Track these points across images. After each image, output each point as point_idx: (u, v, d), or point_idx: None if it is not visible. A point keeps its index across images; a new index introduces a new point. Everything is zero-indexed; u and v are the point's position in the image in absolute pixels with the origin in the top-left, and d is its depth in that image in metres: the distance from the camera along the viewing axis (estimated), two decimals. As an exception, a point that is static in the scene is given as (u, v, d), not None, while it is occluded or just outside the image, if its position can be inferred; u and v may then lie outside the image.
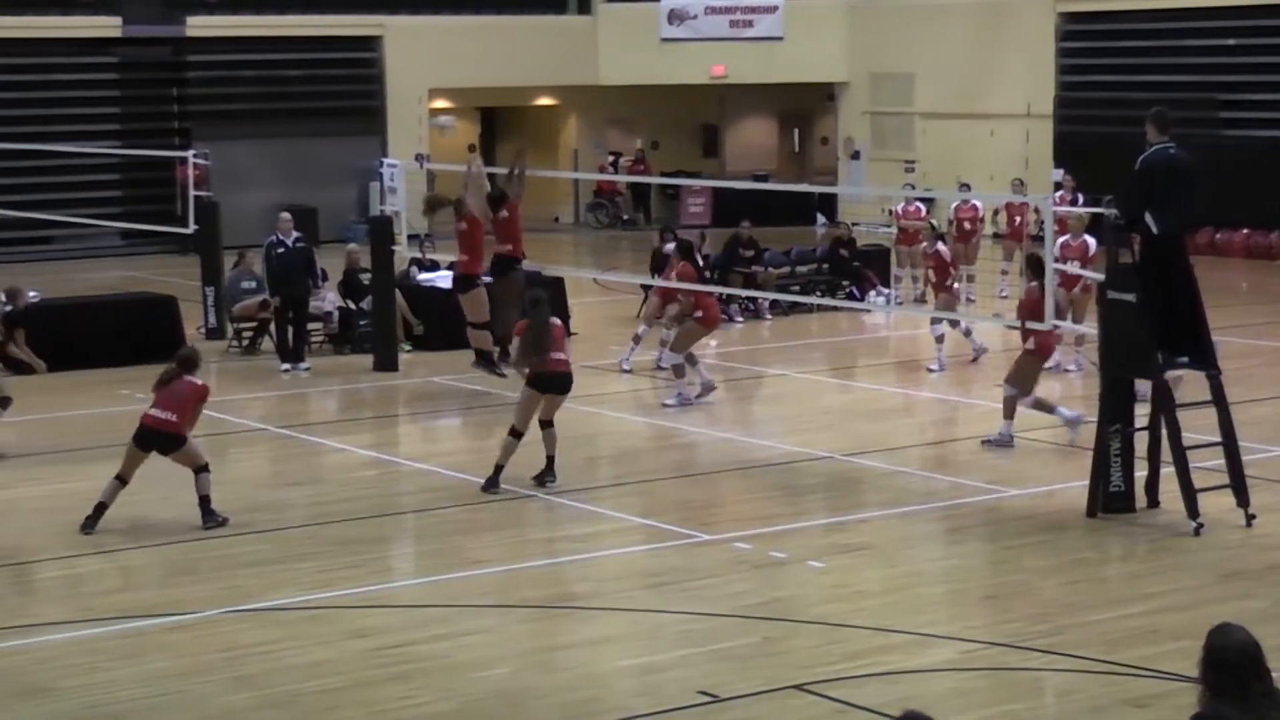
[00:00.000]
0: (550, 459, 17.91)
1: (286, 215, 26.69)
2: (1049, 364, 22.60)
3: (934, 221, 27.07)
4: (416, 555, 16.34)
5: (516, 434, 17.62)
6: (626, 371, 24.29)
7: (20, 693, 12.31)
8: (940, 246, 25.01)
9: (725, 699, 11.96)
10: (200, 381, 16.93)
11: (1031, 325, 19.18)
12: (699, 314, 22.25)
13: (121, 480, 16.62)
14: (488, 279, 22.64)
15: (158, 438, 16.57)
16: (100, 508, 16.55)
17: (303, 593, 14.57)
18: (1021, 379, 19.71)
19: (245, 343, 26.92)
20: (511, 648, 13.21)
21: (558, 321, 18.15)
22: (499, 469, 17.69)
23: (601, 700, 12.11)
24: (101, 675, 12.65)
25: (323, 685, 12.33)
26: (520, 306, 18.33)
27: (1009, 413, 19.68)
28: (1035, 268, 19.75)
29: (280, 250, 25.58)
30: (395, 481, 18.70)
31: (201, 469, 16.65)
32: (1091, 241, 23.44)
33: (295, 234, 26.01)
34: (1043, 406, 19.82)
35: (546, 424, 17.85)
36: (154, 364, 24.83)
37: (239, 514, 17.06)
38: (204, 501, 16.59)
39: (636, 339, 24.69)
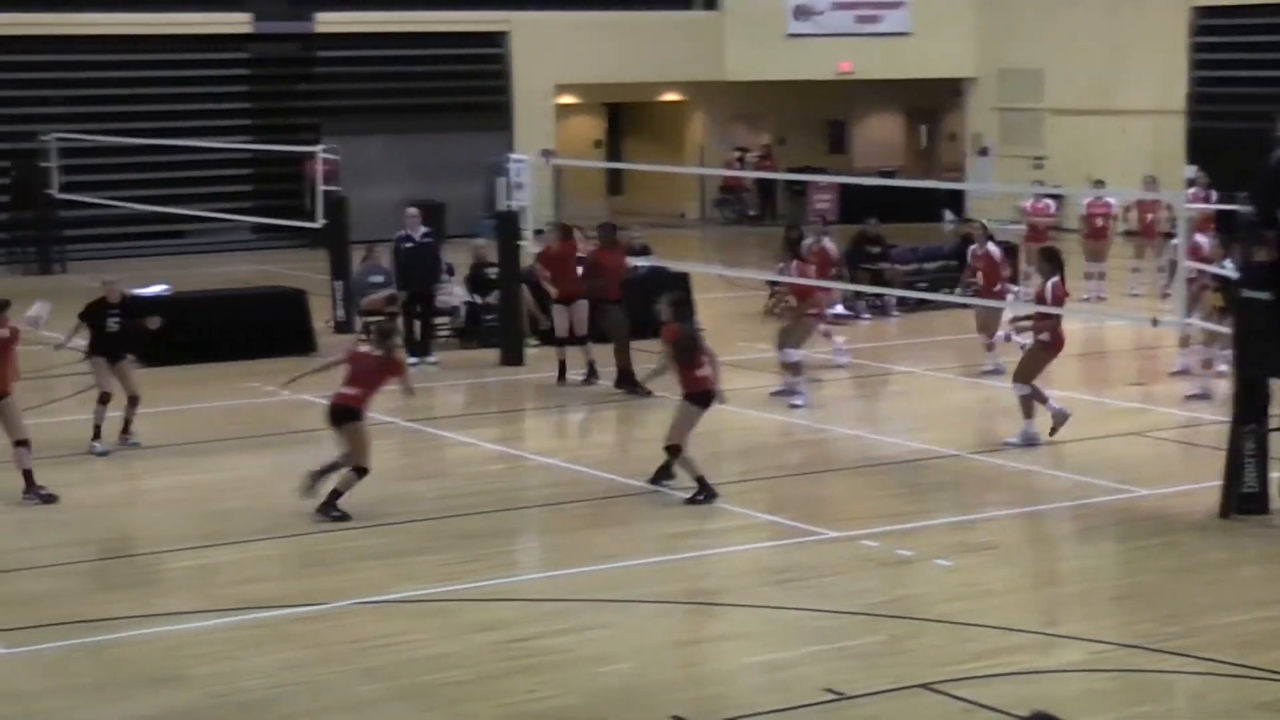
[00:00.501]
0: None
1: (414, 210, 26.86)
2: (1178, 367, 22.51)
3: (985, 220, 26.36)
4: (542, 549, 16.38)
5: (676, 450, 17.23)
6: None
7: (151, 681, 12.45)
8: (990, 246, 24.39)
9: (851, 697, 11.91)
10: (380, 352, 17.29)
11: (1045, 311, 19.23)
12: (813, 310, 22.10)
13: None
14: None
15: (338, 412, 17.00)
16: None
17: (430, 585, 14.63)
18: (1031, 372, 19.53)
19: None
20: (637, 643, 13.21)
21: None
22: (701, 480, 17.30)
23: (727, 697, 12.09)
24: (231, 665, 12.77)
25: (450, 677, 12.39)
26: (669, 308, 18.03)
27: (1029, 411, 19.50)
28: (1052, 260, 19.63)
29: (408, 245, 25.75)
30: (521, 476, 18.76)
31: (359, 469, 16.77)
32: (1201, 240, 23.12)
33: (423, 229, 26.15)
34: (1037, 396, 19.58)
35: None
36: (282, 357, 25.29)
37: (368, 506, 17.18)
38: (334, 496, 16.72)
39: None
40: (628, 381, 22.77)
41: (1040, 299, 19.49)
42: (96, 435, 19.97)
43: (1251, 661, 12.38)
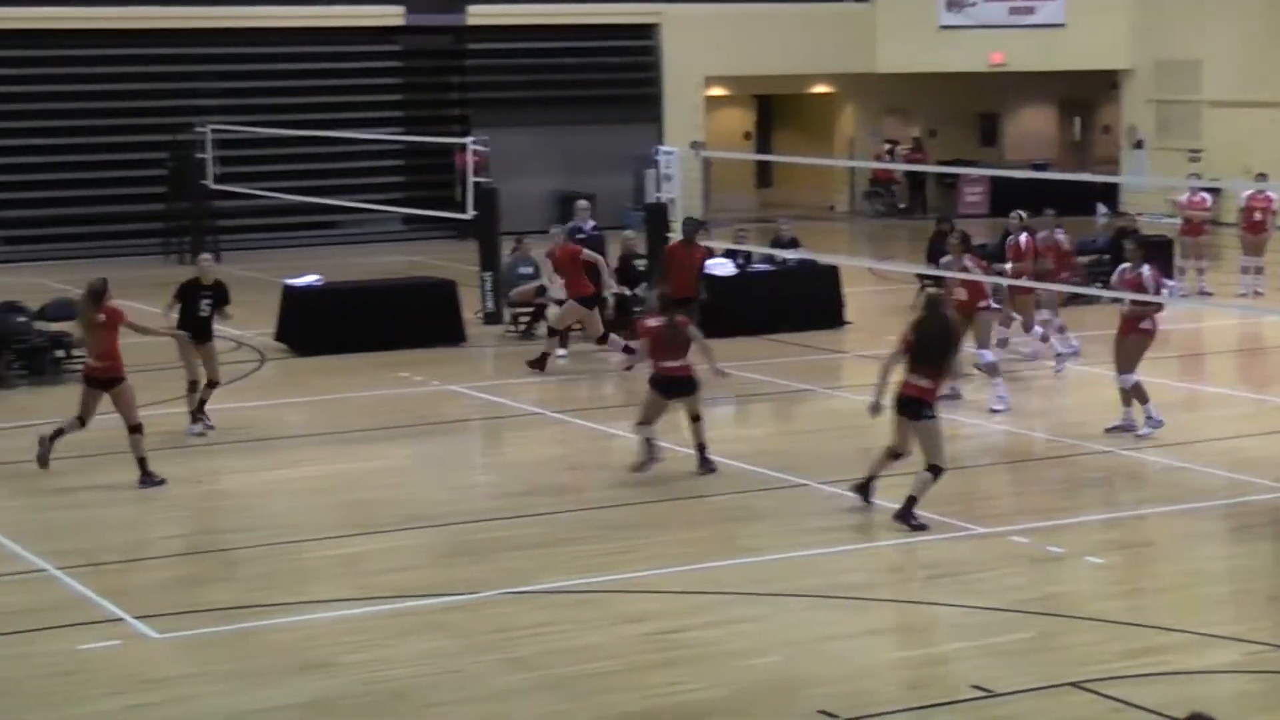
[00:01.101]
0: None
1: (584, 202, 27.20)
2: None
3: (1022, 213, 25.59)
4: (690, 542, 16.33)
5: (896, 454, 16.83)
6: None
7: (301, 668, 12.54)
8: (1059, 235, 24.05)
9: (999, 694, 11.78)
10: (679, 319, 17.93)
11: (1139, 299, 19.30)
12: (983, 304, 21.82)
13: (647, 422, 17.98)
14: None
15: (679, 384, 17.84)
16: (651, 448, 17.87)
17: (576, 576, 14.64)
18: (1134, 362, 19.55)
19: (522, 328, 27.18)
20: (784, 636, 13.14)
21: None
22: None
23: (875, 692, 12.00)
24: (379, 652, 12.83)
25: (595, 668, 12.38)
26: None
27: (1133, 399, 19.49)
28: (1144, 246, 19.96)
29: (580, 236, 25.86)
30: (668, 467, 18.72)
31: (697, 416, 17.92)
32: None
33: (592, 221, 26.33)
34: (1138, 393, 19.51)
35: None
36: (432, 348, 25.45)
37: (515, 497, 17.25)
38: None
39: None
40: None
41: (1136, 286, 19.34)
42: (194, 420, 20.15)
43: None
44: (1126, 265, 19.83)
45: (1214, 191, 32.30)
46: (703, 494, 17.54)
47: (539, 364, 23.95)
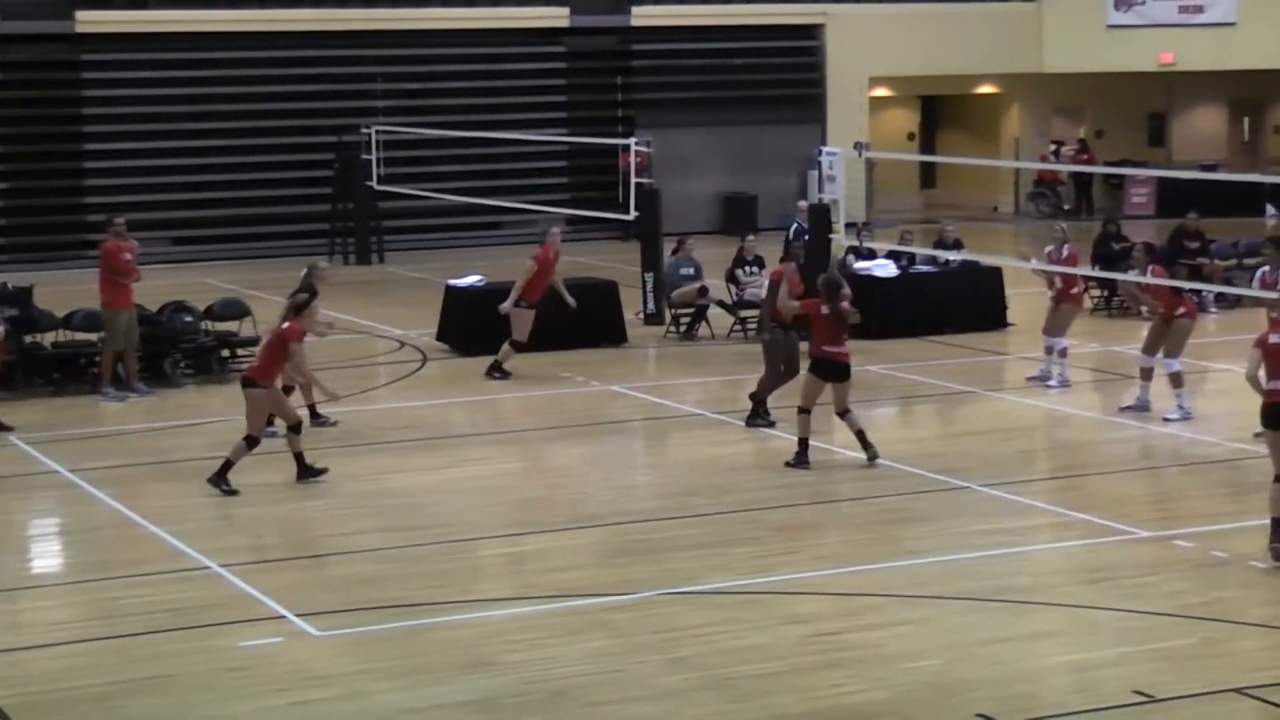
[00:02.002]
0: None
1: (803, 203, 27.26)
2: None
3: (1063, 225, 24.78)
4: (852, 543, 16.33)
5: None
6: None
7: (466, 665, 12.69)
8: (1066, 249, 23.33)
9: (1162, 699, 11.71)
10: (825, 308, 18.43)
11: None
12: (1181, 310, 21.31)
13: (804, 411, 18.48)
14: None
15: (834, 367, 18.34)
16: (803, 443, 18.42)
17: (739, 577, 14.70)
18: (1178, 343, 20.45)
19: (683, 329, 27.28)
20: (945, 639, 13.13)
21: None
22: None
23: (1036, 696, 11.97)
24: (542, 652, 12.96)
25: (757, 670, 12.43)
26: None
27: (1177, 383, 20.33)
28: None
29: (807, 236, 26.24)
30: (830, 469, 18.74)
31: (846, 412, 18.41)
32: None
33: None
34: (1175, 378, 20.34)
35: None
36: (596, 348, 25.60)
37: (677, 497, 17.34)
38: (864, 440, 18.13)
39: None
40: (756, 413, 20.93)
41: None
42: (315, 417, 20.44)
43: None
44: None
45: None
46: (863, 496, 17.54)
47: None
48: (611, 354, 25.86)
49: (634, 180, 30.07)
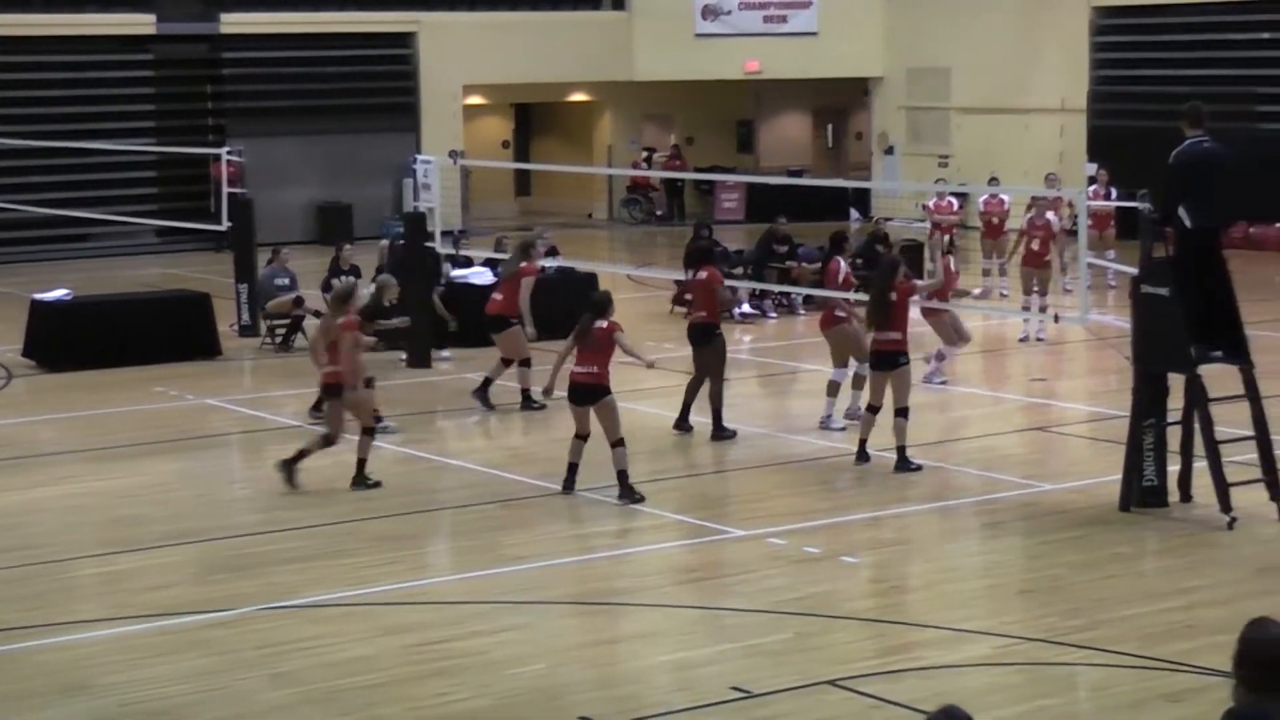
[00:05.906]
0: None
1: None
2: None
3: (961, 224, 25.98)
4: (454, 551, 16.39)
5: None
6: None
7: (64, 689, 12.39)
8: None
9: (759, 694, 11.99)
10: (606, 323, 17.36)
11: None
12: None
13: (580, 438, 17.50)
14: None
15: (586, 391, 17.24)
16: (572, 468, 17.50)
17: (341, 589, 14.62)
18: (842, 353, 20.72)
19: (278, 340, 27.02)
20: (549, 644, 13.25)
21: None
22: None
23: (639, 696, 12.15)
24: (140, 672, 12.72)
25: (362, 681, 12.39)
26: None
27: (832, 392, 20.46)
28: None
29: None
30: (431, 478, 18.75)
31: (618, 443, 17.23)
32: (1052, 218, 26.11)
33: None
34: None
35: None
36: (188, 361, 25.18)
37: (277, 511, 17.17)
38: (621, 476, 17.22)
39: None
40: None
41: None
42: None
43: (1154, 653, 12.54)
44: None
45: (961, 196, 32.91)
46: (464, 504, 17.53)
47: None
48: (206, 367, 25.48)
49: (226, 190, 29.70)
